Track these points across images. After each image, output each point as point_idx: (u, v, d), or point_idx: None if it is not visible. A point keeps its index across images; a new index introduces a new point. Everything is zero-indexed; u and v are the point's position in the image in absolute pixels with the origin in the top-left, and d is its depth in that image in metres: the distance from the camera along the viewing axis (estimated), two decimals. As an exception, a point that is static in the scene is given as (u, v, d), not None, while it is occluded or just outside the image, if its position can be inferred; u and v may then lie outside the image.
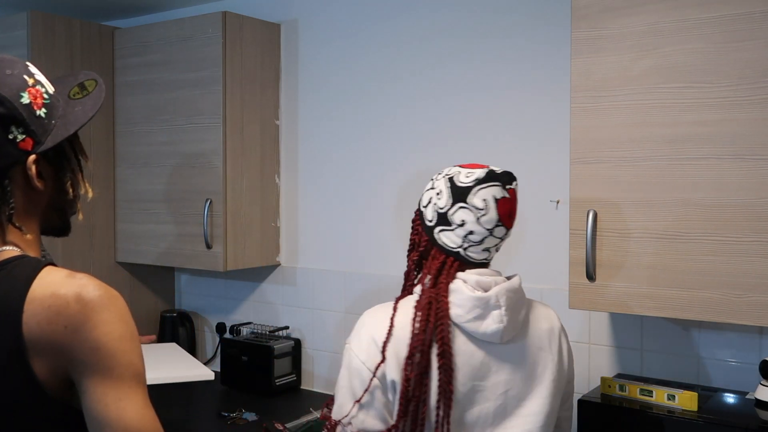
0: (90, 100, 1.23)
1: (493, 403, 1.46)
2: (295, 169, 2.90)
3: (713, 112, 1.67)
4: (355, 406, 1.44)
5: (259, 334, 2.88)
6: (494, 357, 1.47)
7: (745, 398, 1.87)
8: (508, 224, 1.49)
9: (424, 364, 1.41)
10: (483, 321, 1.44)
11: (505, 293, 1.45)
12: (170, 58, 2.78)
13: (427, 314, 1.43)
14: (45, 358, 1.08)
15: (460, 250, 1.48)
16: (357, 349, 1.48)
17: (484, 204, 1.46)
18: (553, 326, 1.57)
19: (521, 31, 2.33)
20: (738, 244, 1.65)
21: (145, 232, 2.88)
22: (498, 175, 1.49)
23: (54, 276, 1.11)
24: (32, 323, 1.07)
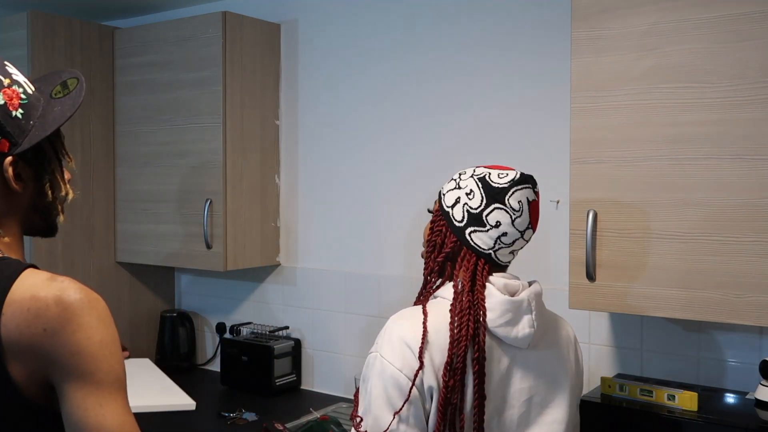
0: (69, 99, 1.20)
1: (517, 410, 1.44)
2: (295, 169, 2.90)
3: (713, 112, 1.67)
4: (396, 417, 1.35)
5: (259, 334, 2.88)
6: (519, 363, 1.45)
7: (745, 398, 1.87)
8: (535, 227, 1.49)
9: (463, 369, 1.37)
10: (515, 326, 1.42)
11: (534, 298, 1.45)
12: (170, 58, 2.78)
13: (467, 318, 1.38)
14: (23, 361, 1.05)
15: (491, 251, 1.46)
16: (390, 356, 1.38)
17: (519, 206, 1.44)
18: (569, 334, 1.58)
19: (521, 31, 2.33)
20: (738, 244, 1.65)
21: (145, 232, 2.88)
22: (528, 177, 1.48)
23: (34, 278, 1.08)
24: (11, 326, 1.05)
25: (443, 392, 1.36)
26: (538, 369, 1.47)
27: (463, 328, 1.38)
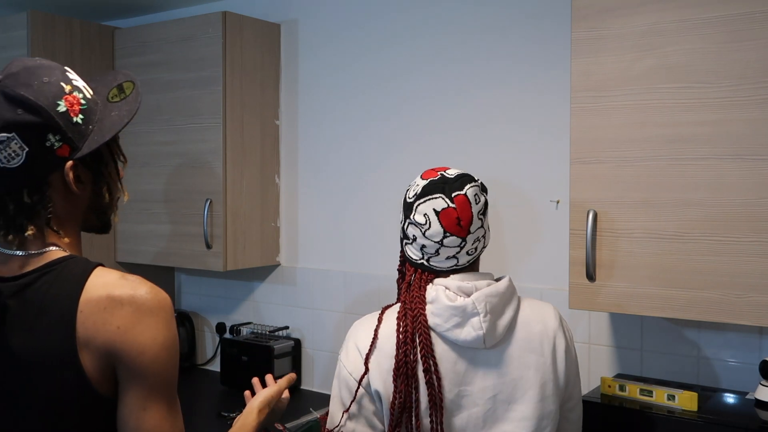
0: (126, 105, 1.25)
1: (482, 408, 1.46)
2: (295, 169, 2.90)
3: (713, 112, 1.67)
4: (344, 415, 1.48)
5: (259, 334, 2.88)
6: (480, 362, 1.47)
7: (745, 398, 1.87)
8: (458, 232, 1.47)
9: (410, 374, 1.43)
10: (462, 329, 1.45)
11: (484, 299, 1.45)
12: (170, 58, 2.78)
13: (405, 325, 1.46)
14: (96, 356, 1.12)
15: (423, 261, 1.51)
16: (345, 360, 1.52)
17: (425, 219, 1.48)
18: (547, 327, 1.53)
19: (521, 31, 2.33)
20: (738, 244, 1.65)
21: (145, 232, 2.88)
22: (441, 185, 1.50)
23: (107, 277, 1.15)
24: (89, 323, 1.11)
25: (394, 396, 1.43)
26: (502, 366, 1.47)
27: (404, 335, 1.46)
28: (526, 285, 2.31)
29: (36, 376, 1.13)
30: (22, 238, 1.18)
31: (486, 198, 1.54)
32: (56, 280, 1.15)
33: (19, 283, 1.16)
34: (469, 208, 1.48)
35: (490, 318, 1.45)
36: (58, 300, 1.13)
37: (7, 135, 1.13)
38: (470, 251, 1.51)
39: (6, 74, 1.16)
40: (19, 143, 1.13)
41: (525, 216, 2.34)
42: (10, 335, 1.14)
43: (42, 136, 1.15)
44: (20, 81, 1.15)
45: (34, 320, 1.13)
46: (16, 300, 1.15)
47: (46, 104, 1.15)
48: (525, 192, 2.34)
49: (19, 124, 1.13)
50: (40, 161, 1.16)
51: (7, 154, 1.13)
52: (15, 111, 1.13)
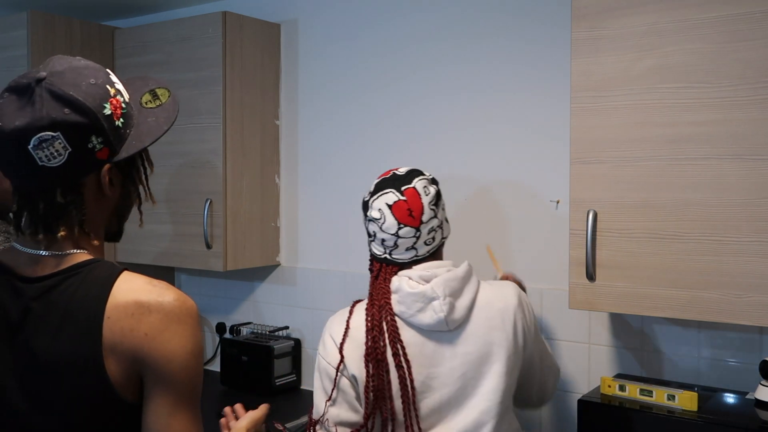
0: (163, 112, 1.26)
1: (452, 387, 1.55)
2: (295, 169, 2.90)
3: (713, 112, 1.67)
4: (327, 403, 1.59)
5: (259, 334, 2.88)
6: (446, 344, 1.57)
7: (745, 398, 1.87)
8: (411, 223, 1.59)
9: (380, 359, 1.53)
10: (425, 313, 1.55)
11: (443, 283, 1.55)
12: (170, 58, 2.78)
13: (372, 314, 1.57)
14: (122, 362, 1.11)
15: (386, 255, 1.63)
16: (323, 352, 1.63)
17: (380, 213, 1.60)
18: (507, 305, 1.62)
19: (521, 31, 2.33)
20: (738, 244, 1.65)
21: (145, 232, 2.87)
22: (392, 181, 1.62)
23: (134, 282, 1.15)
24: (116, 328, 1.10)
25: (367, 381, 1.54)
26: (467, 346, 1.57)
27: (369, 323, 1.57)
28: (526, 285, 2.31)
29: (60, 380, 1.12)
30: (51, 238, 1.16)
31: (436, 190, 1.63)
32: (82, 283, 1.13)
33: (43, 285, 1.14)
34: (419, 199, 1.59)
35: (450, 300, 1.55)
36: (84, 304, 1.12)
37: (51, 134, 1.10)
38: (428, 241, 1.61)
39: (51, 72, 1.14)
40: (63, 143, 1.11)
41: (525, 216, 2.34)
42: (33, 338, 1.13)
43: (86, 137, 1.13)
44: (67, 80, 1.13)
45: (59, 323, 1.12)
46: (39, 302, 1.14)
47: (94, 106, 1.13)
48: (525, 192, 2.34)
49: (65, 124, 1.11)
50: (80, 162, 1.14)
51: (49, 152, 1.11)
52: (62, 110, 1.11)
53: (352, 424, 1.58)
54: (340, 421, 1.58)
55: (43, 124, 1.10)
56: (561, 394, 2.27)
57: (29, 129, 1.10)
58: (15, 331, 1.14)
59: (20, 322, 1.14)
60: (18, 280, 1.16)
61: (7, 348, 1.15)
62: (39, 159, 1.11)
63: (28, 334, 1.13)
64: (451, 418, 1.56)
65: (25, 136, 1.10)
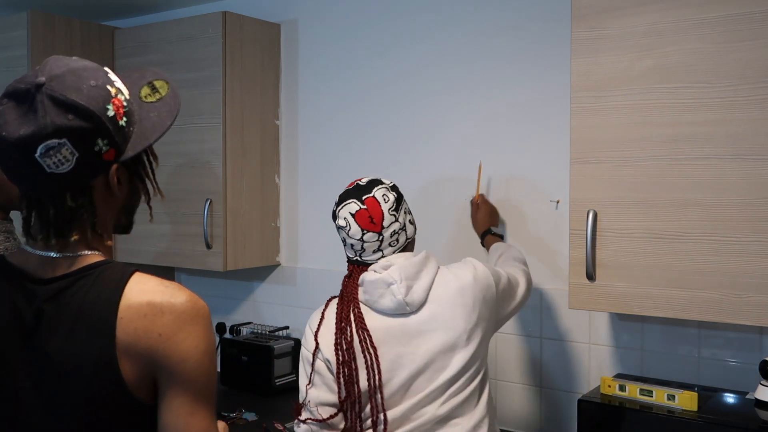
0: (164, 106, 1.24)
1: (420, 363, 1.68)
2: (295, 169, 2.90)
3: (713, 112, 1.67)
4: (308, 386, 1.74)
5: (259, 334, 2.88)
6: (412, 325, 1.70)
7: (745, 398, 1.87)
8: (373, 228, 1.73)
9: (347, 345, 1.68)
10: (385, 298, 1.69)
11: (398, 269, 1.69)
12: (170, 58, 2.78)
13: (342, 304, 1.73)
14: (136, 363, 1.11)
15: (357, 258, 1.77)
16: (304, 341, 1.79)
17: (345, 222, 1.74)
18: (465, 282, 1.72)
19: (522, 31, 2.33)
20: (738, 244, 1.65)
21: (145, 231, 2.87)
22: (354, 191, 1.76)
23: (146, 284, 1.14)
24: (130, 329, 1.10)
25: (337, 365, 1.68)
26: (432, 324, 1.69)
27: (338, 312, 1.72)
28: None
29: (73, 382, 1.12)
30: (64, 243, 1.16)
31: (395, 196, 1.76)
32: (94, 284, 1.13)
33: (55, 286, 1.14)
34: (378, 207, 1.73)
35: (406, 284, 1.68)
36: (96, 305, 1.11)
37: (58, 141, 1.09)
38: (392, 243, 1.75)
39: (49, 76, 1.12)
40: (70, 149, 1.10)
41: (525, 216, 2.34)
42: (46, 339, 1.13)
43: (92, 141, 1.12)
44: (68, 84, 1.12)
45: (71, 325, 1.12)
46: (52, 304, 1.13)
47: (97, 109, 1.12)
48: (525, 192, 2.34)
49: (70, 130, 1.09)
50: (88, 166, 1.13)
51: (57, 159, 1.10)
52: (66, 116, 1.09)
53: (331, 404, 1.70)
54: (321, 401, 1.71)
55: (48, 132, 1.08)
56: (561, 394, 2.27)
57: (35, 137, 1.08)
58: (29, 333, 1.14)
59: (34, 324, 1.14)
60: (30, 282, 1.16)
61: (21, 350, 1.15)
62: (47, 167, 1.10)
63: (42, 335, 1.13)
64: (421, 388, 1.68)
65: (31, 144, 1.09)
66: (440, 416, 1.67)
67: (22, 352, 1.15)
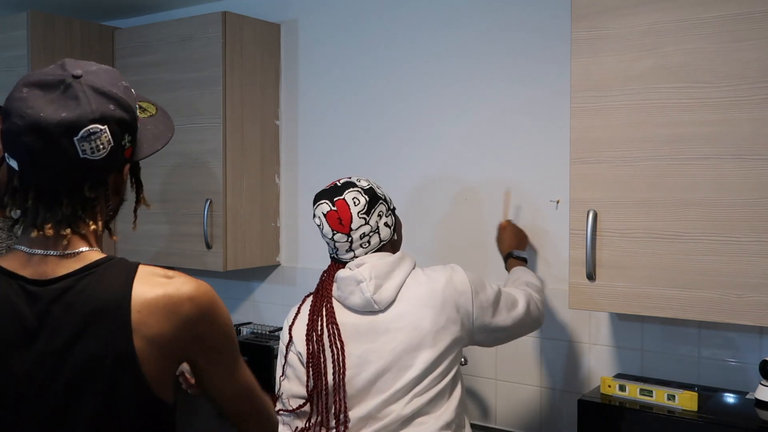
0: (160, 123, 1.28)
1: (386, 360, 1.70)
2: (295, 169, 2.90)
3: (713, 112, 1.67)
4: (281, 378, 1.81)
5: (259, 334, 2.88)
6: (380, 322, 1.73)
7: (745, 398, 1.87)
8: (341, 230, 1.77)
9: (317, 338, 1.73)
10: (355, 295, 1.73)
11: (369, 268, 1.72)
12: (170, 58, 2.78)
13: (315, 299, 1.79)
14: (161, 356, 1.13)
15: (334, 255, 1.83)
16: (281, 334, 1.85)
17: (319, 221, 1.81)
18: (436, 285, 1.73)
19: (521, 31, 2.33)
20: (738, 244, 1.65)
21: (145, 232, 2.87)
22: (329, 192, 1.81)
23: (155, 278, 1.16)
24: (151, 322, 1.12)
25: (307, 356, 1.74)
26: (399, 322, 1.72)
27: (311, 306, 1.78)
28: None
29: (91, 381, 1.11)
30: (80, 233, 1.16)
31: (367, 200, 1.78)
32: (100, 282, 1.13)
33: (59, 286, 1.13)
34: (347, 209, 1.77)
35: (375, 282, 1.71)
36: (107, 303, 1.11)
37: (101, 127, 1.12)
38: (363, 244, 1.78)
39: (85, 71, 1.14)
40: (108, 137, 1.13)
41: (525, 216, 2.34)
42: (55, 342, 1.11)
43: (123, 134, 1.16)
44: (105, 79, 1.15)
45: (83, 324, 1.11)
46: (57, 304, 1.12)
47: (131, 105, 1.18)
48: (525, 192, 2.34)
49: (112, 118, 1.13)
50: (114, 158, 1.16)
51: (95, 145, 1.12)
52: (108, 105, 1.13)
53: (302, 396, 1.76)
54: (292, 393, 1.77)
55: (95, 117, 1.11)
56: (561, 394, 2.27)
57: (81, 120, 1.10)
58: (32, 336, 1.12)
59: (38, 327, 1.12)
60: (30, 284, 1.14)
61: (26, 355, 1.12)
62: (82, 151, 1.11)
63: (48, 338, 1.12)
64: (387, 386, 1.70)
65: (74, 127, 1.10)
66: (405, 416, 1.68)
67: (28, 357, 1.12)
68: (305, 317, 1.79)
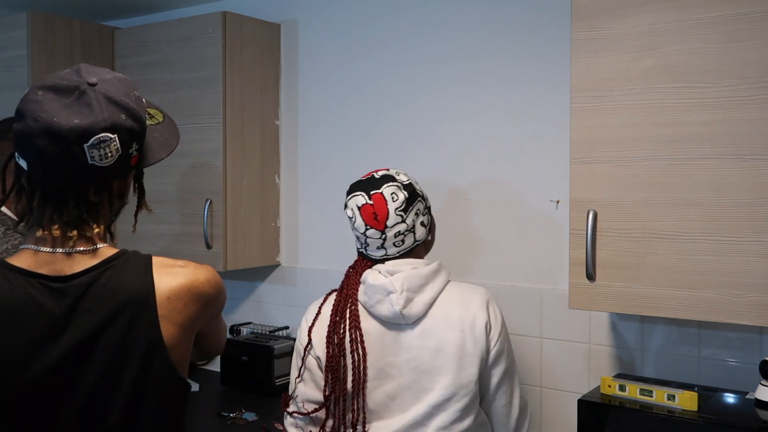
0: (166, 131, 1.33)
1: (407, 377, 1.65)
2: (295, 169, 2.90)
3: (713, 112, 1.67)
4: (297, 380, 1.74)
5: (259, 334, 2.88)
6: (404, 336, 1.66)
7: (745, 398, 1.87)
8: (376, 226, 1.69)
9: (338, 342, 1.66)
10: (383, 305, 1.65)
11: (402, 279, 1.65)
12: (170, 58, 2.78)
13: (339, 300, 1.71)
14: (183, 340, 1.21)
15: (362, 250, 1.75)
16: (298, 334, 1.79)
17: (352, 213, 1.73)
18: (469, 308, 1.67)
19: (521, 31, 2.33)
20: (738, 244, 1.65)
21: (145, 232, 2.87)
22: (365, 184, 1.73)
23: (173, 267, 1.23)
24: (179, 308, 1.19)
25: (327, 361, 1.67)
26: (423, 340, 1.65)
27: (334, 307, 1.70)
28: (526, 285, 2.32)
29: (119, 370, 1.16)
30: (78, 236, 1.19)
31: (406, 196, 1.71)
32: (122, 274, 1.18)
33: (83, 280, 1.17)
34: (384, 204, 1.69)
35: (407, 295, 1.64)
36: (135, 293, 1.17)
37: (110, 135, 1.16)
38: (396, 243, 1.71)
39: (100, 79, 1.18)
40: (117, 146, 1.17)
41: (525, 216, 2.34)
42: (84, 333, 1.15)
43: (131, 143, 1.20)
44: (119, 89, 1.19)
45: (111, 315, 1.16)
46: (84, 298, 1.16)
47: (141, 115, 1.22)
48: (525, 192, 2.34)
49: (123, 128, 1.17)
50: (121, 166, 1.20)
51: (104, 153, 1.16)
52: (120, 115, 1.17)
53: (318, 401, 1.70)
54: (307, 398, 1.71)
55: (106, 126, 1.15)
56: (561, 394, 2.27)
57: (92, 128, 1.14)
58: (61, 331, 1.16)
59: (66, 321, 1.16)
60: (51, 281, 1.17)
61: (56, 349, 1.15)
62: (91, 157, 1.15)
63: (76, 330, 1.15)
64: (406, 406, 1.64)
65: (85, 135, 1.14)
66: None
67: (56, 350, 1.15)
68: (326, 319, 1.71)
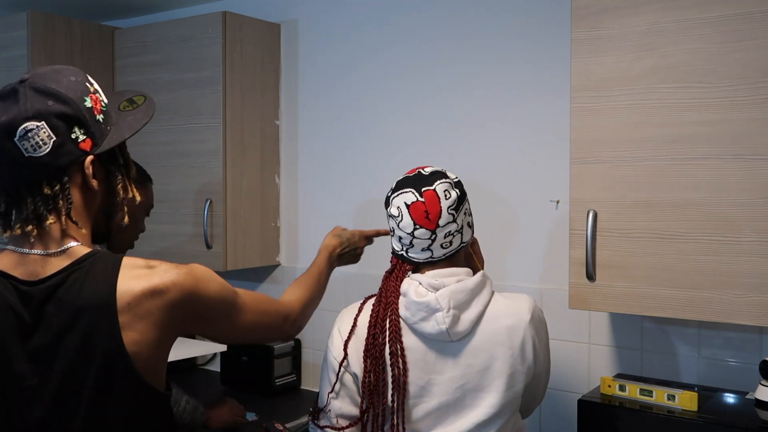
0: (140, 112, 1.31)
1: (451, 396, 1.56)
2: (295, 169, 2.90)
3: (713, 112, 1.67)
4: (330, 395, 1.62)
5: (259, 334, 2.88)
6: (449, 353, 1.56)
7: (745, 398, 1.87)
8: (427, 225, 1.57)
9: (377, 356, 1.57)
10: (428, 322, 1.54)
11: (448, 295, 1.54)
12: (170, 58, 2.78)
13: (378, 311, 1.60)
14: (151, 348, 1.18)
15: (403, 252, 1.64)
16: (331, 345, 1.67)
17: (398, 212, 1.61)
18: (519, 321, 1.58)
19: (521, 31, 2.33)
20: (738, 244, 1.65)
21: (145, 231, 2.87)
22: (414, 180, 1.61)
23: (139, 269, 1.20)
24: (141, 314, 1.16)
25: (364, 376, 1.57)
26: (470, 358, 1.56)
27: (373, 319, 1.60)
28: (526, 285, 2.32)
29: (80, 376, 1.15)
30: (42, 230, 1.19)
31: (458, 194, 1.61)
32: (87, 277, 1.17)
33: (49, 285, 1.17)
34: (437, 202, 1.58)
35: (454, 313, 1.53)
36: (94, 299, 1.15)
37: (36, 123, 1.16)
38: (444, 245, 1.60)
39: (33, 74, 1.21)
40: (48, 132, 1.16)
41: (525, 216, 2.34)
42: (47, 337, 1.15)
43: (69, 127, 1.19)
44: (48, 77, 1.20)
45: (70, 321, 1.15)
46: (49, 303, 1.16)
47: (75, 97, 1.20)
48: (525, 192, 2.34)
49: (49, 113, 1.17)
50: (64, 152, 1.19)
51: (34, 142, 1.16)
52: (46, 102, 1.17)
53: (352, 416, 1.62)
54: (342, 413, 1.62)
55: (28, 115, 1.16)
56: (561, 394, 2.27)
57: (15, 121, 1.15)
58: (29, 333, 1.16)
59: (34, 325, 1.16)
60: (21, 284, 1.18)
61: (25, 352, 1.16)
62: (25, 150, 1.16)
63: (42, 335, 1.15)
64: (447, 424, 1.57)
65: (10, 128, 1.15)
66: None
67: (25, 353, 1.16)
68: (363, 331, 1.60)
